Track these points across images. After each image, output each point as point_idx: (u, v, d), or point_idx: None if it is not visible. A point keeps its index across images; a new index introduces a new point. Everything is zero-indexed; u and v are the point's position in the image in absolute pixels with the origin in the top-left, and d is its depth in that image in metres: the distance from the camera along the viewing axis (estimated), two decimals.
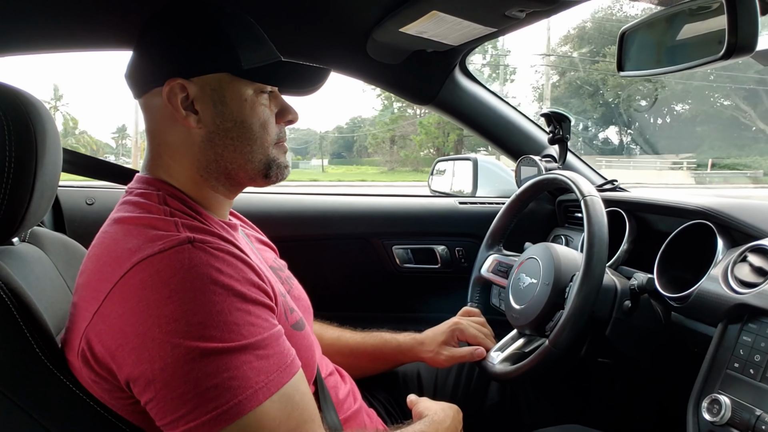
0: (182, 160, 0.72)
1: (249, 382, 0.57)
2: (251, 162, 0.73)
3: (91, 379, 0.62)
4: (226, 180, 0.74)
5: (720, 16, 0.74)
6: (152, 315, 0.57)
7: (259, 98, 0.73)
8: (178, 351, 0.56)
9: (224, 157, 0.72)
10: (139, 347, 0.57)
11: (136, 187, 0.72)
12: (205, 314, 0.57)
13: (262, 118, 0.73)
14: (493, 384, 1.16)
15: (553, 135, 1.43)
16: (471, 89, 1.50)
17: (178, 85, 0.69)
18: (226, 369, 0.56)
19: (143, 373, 0.56)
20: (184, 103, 0.70)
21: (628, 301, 0.95)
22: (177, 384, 0.56)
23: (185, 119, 0.70)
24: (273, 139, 0.75)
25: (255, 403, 0.57)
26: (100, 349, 0.60)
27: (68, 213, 1.34)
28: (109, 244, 0.64)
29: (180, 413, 0.56)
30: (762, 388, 0.73)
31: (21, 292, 0.64)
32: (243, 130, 0.72)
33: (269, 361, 0.60)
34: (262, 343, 0.60)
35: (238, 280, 0.61)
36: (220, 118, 0.71)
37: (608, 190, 1.46)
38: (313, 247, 1.55)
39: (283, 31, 1.21)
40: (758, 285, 0.80)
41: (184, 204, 0.70)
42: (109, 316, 0.59)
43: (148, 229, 0.62)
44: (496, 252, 1.24)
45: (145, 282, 0.58)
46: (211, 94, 0.70)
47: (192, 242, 0.60)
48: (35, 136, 0.67)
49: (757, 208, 0.99)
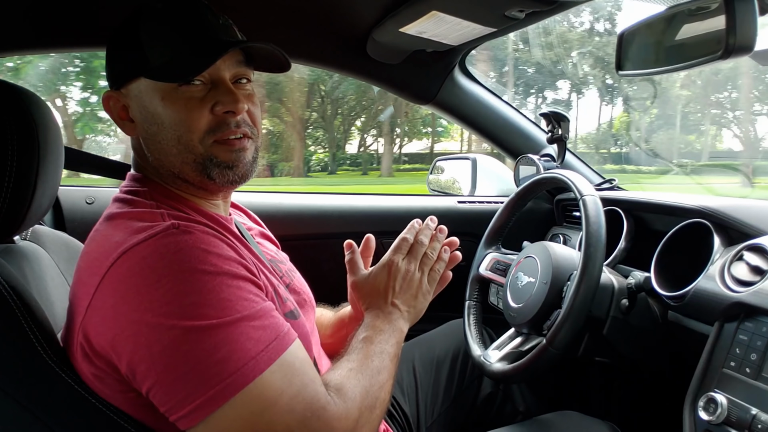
0: (151, 162, 0.74)
1: (248, 353, 0.57)
2: (186, 163, 0.70)
3: (92, 374, 0.62)
4: (182, 182, 0.73)
5: (719, 16, 0.74)
6: (144, 300, 0.57)
7: (181, 93, 0.68)
8: (173, 332, 0.56)
9: (161, 160, 0.72)
10: (135, 334, 0.57)
11: (126, 185, 0.74)
12: (196, 294, 0.58)
13: (180, 115, 0.68)
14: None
15: (551, 134, 1.43)
16: (470, 89, 1.51)
17: (112, 98, 0.72)
18: (224, 343, 0.57)
19: (142, 359, 0.57)
20: (123, 113, 0.73)
21: (625, 299, 0.95)
22: (177, 365, 0.56)
23: (124, 128, 0.73)
24: (202, 136, 0.69)
25: (256, 372, 0.57)
26: (97, 341, 0.60)
27: (68, 212, 1.34)
28: (99, 240, 0.65)
29: (183, 394, 0.56)
30: (758, 387, 0.73)
31: (22, 289, 0.64)
32: (164, 131, 0.69)
33: (265, 331, 0.60)
34: (256, 315, 0.60)
35: (225, 259, 0.61)
36: (147, 122, 0.71)
37: (606, 189, 1.46)
38: (313, 245, 1.55)
39: (283, 31, 1.21)
40: (755, 283, 0.80)
41: (171, 198, 0.71)
42: (101, 308, 0.59)
43: (133, 222, 0.63)
44: (494, 250, 1.24)
45: (132, 269, 0.59)
46: (137, 101, 0.71)
47: (177, 227, 0.61)
48: (37, 134, 0.68)
49: (754, 207, 1.00)
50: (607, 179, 1.52)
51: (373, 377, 0.69)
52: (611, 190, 1.47)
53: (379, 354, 0.73)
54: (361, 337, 0.75)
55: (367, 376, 0.68)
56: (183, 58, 0.68)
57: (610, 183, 1.49)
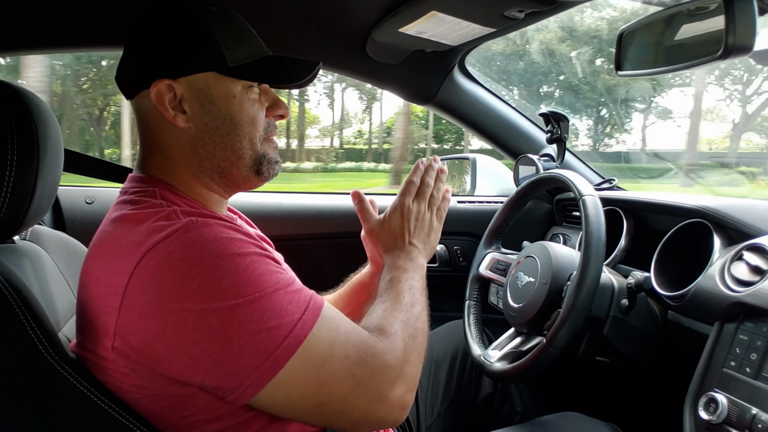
0: (175, 159, 0.73)
1: (294, 315, 0.61)
2: (242, 158, 0.74)
3: (129, 368, 0.62)
4: (220, 178, 0.75)
5: (718, 16, 0.74)
6: (182, 291, 0.58)
7: (248, 94, 0.74)
8: (219, 313, 0.58)
9: (215, 154, 0.73)
10: (180, 322, 0.58)
11: (131, 186, 0.73)
12: (232, 276, 0.59)
13: (250, 114, 0.74)
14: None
15: (551, 134, 1.43)
16: (470, 89, 1.51)
17: (165, 86, 0.70)
18: (271, 311, 0.60)
19: (193, 344, 0.58)
20: (172, 102, 0.71)
21: (625, 299, 0.95)
22: (231, 341, 0.58)
23: (174, 119, 0.71)
24: (262, 135, 0.75)
25: (306, 330, 0.61)
26: (137, 339, 0.60)
27: (68, 212, 1.34)
28: (111, 242, 0.65)
29: (244, 366, 0.58)
30: (758, 386, 0.73)
31: (23, 288, 0.64)
32: (232, 127, 0.73)
33: (301, 293, 0.64)
34: (289, 282, 0.64)
35: (248, 243, 0.64)
36: (209, 116, 0.72)
37: (606, 189, 1.47)
38: (312, 245, 1.55)
39: (282, 31, 1.21)
40: (754, 283, 0.80)
41: (180, 198, 0.71)
42: (135, 306, 0.59)
43: (148, 222, 0.63)
44: (494, 250, 1.24)
45: (161, 265, 0.59)
46: (198, 93, 0.71)
47: (195, 222, 0.62)
48: (37, 134, 0.68)
49: (754, 206, 1.00)
50: (606, 179, 1.52)
51: (408, 311, 0.74)
52: (611, 190, 1.47)
53: (408, 290, 0.77)
54: (387, 278, 0.79)
55: (402, 311, 0.73)
56: (261, 62, 0.74)
57: (610, 183, 1.49)
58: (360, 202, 0.92)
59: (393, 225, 0.87)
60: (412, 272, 0.81)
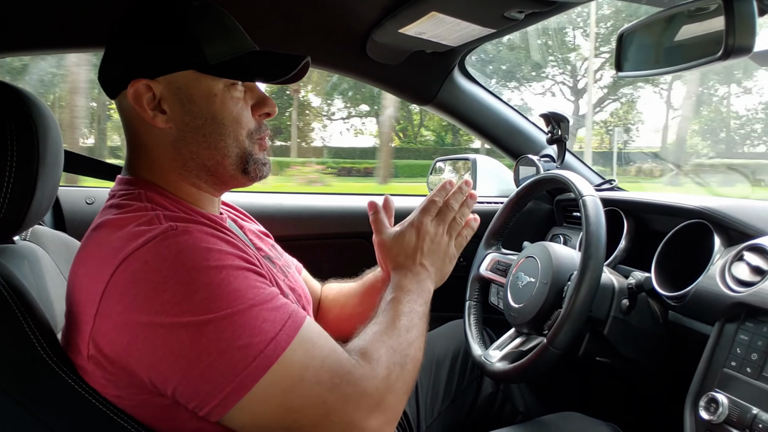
0: (159, 160, 0.72)
1: (267, 335, 0.58)
2: (228, 157, 0.72)
3: (105, 379, 0.61)
4: (208, 176, 0.74)
5: (718, 17, 0.74)
6: (154, 304, 0.57)
7: (231, 92, 0.71)
8: (190, 328, 0.56)
9: (200, 154, 0.72)
10: (151, 337, 0.57)
11: (118, 189, 0.72)
12: (205, 290, 0.58)
13: (234, 113, 0.71)
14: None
15: (551, 135, 1.43)
16: (470, 90, 1.51)
17: (143, 86, 0.68)
18: (243, 329, 0.57)
19: (162, 360, 0.57)
20: (151, 103, 0.69)
21: (625, 299, 0.95)
22: (200, 358, 0.56)
23: (153, 120, 0.69)
24: (247, 132, 0.73)
25: (279, 351, 0.58)
26: (110, 349, 0.59)
27: (68, 212, 1.34)
28: (93, 248, 0.64)
29: (211, 385, 0.56)
30: (759, 386, 0.73)
31: (22, 289, 0.64)
32: (215, 126, 0.71)
33: (279, 312, 0.61)
34: (267, 299, 0.61)
35: (227, 253, 0.62)
36: (190, 115, 0.70)
37: (606, 190, 1.47)
38: (312, 246, 1.55)
39: (282, 31, 1.21)
40: (755, 284, 0.80)
41: (167, 199, 0.70)
42: (110, 315, 0.59)
43: (129, 227, 0.62)
44: (494, 251, 1.24)
45: (136, 274, 0.58)
46: (177, 93, 0.69)
47: (174, 229, 0.61)
48: (37, 135, 0.68)
49: (754, 207, 1.00)
50: (607, 179, 1.52)
51: (400, 336, 0.69)
52: (611, 190, 1.47)
53: (407, 314, 0.73)
54: (388, 299, 0.75)
55: (394, 336, 0.69)
56: (244, 58, 0.72)
57: (610, 183, 1.49)
58: (375, 213, 0.87)
59: (406, 242, 0.82)
60: (416, 295, 0.76)
